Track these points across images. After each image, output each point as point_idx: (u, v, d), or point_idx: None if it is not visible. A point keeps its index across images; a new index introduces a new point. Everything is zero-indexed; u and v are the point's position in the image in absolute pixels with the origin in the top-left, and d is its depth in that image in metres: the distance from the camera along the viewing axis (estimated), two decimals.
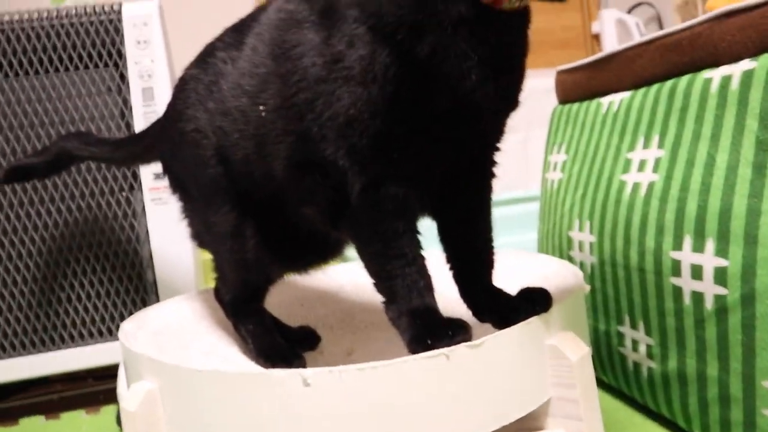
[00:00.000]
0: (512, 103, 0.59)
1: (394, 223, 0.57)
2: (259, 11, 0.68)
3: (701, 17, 0.71)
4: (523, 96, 0.60)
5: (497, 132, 0.61)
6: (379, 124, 0.53)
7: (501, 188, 2.08)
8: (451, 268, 0.65)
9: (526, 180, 1.95)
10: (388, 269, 0.57)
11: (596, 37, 2.22)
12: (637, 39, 1.96)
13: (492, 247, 0.64)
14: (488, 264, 0.64)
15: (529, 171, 1.95)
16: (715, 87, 0.67)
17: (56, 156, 0.90)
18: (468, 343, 0.52)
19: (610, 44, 1.98)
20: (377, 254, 0.58)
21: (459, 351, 0.51)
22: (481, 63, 0.52)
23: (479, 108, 0.54)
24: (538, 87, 1.95)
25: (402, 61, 0.51)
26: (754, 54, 0.64)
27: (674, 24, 1.93)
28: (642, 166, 0.76)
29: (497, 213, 0.66)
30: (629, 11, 2.12)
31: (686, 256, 0.67)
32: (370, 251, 0.59)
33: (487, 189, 0.64)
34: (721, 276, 0.63)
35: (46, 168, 0.92)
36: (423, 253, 0.59)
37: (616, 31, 2.02)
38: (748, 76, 0.63)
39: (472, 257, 0.64)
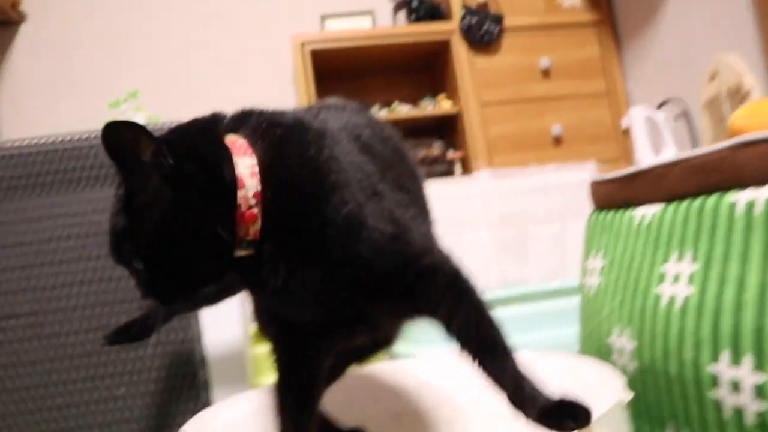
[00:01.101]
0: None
1: None
2: None
3: (723, 143, 0.77)
4: (558, 188, 0.64)
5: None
6: None
7: (537, 279, 2.07)
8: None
9: (563, 270, 1.97)
10: None
11: (626, 131, 2.30)
12: (665, 135, 2.03)
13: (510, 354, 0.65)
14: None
15: (565, 261, 1.99)
16: (740, 210, 0.72)
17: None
18: None
19: (640, 140, 2.05)
20: None
21: None
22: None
23: None
24: (572, 180, 2.00)
25: None
26: None
27: (702, 120, 2.00)
28: (676, 278, 0.80)
29: (534, 307, 0.68)
30: (658, 107, 2.19)
31: (724, 369, 0.70)
32: None
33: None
34: (760, 391, 0.65)
35: (147, 327, 0.87)
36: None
37: (645, 126, 2.09)
38: None
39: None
